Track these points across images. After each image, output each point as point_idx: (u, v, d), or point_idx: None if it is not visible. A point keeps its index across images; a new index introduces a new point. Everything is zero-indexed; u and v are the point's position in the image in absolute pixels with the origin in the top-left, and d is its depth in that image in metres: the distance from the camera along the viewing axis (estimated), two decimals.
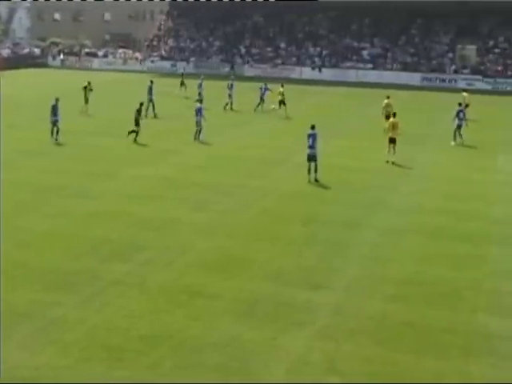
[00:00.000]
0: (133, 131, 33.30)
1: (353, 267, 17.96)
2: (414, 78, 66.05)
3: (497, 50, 70.19)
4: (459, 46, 70.85)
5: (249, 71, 71.94)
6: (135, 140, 33.17)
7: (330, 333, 14.17)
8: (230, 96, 45.71)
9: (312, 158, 26.26)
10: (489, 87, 63.35)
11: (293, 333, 14.15)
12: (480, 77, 65.95)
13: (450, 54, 70.65)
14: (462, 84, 64.73)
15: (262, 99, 44.68)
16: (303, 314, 15.01)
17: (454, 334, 14.36)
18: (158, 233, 20.15)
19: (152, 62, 78.72)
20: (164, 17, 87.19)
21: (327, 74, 67.97)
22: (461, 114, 35.10)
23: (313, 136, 26.29)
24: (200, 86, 47.29)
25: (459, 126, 34.95)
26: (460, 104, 36.31)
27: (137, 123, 33.21)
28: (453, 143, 34.78)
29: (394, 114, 31.12)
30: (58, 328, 14.02)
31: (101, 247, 18.71)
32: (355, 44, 73.65)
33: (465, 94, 43.64)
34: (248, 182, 26.31)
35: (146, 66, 77.24)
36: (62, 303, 15.15)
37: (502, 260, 18.81)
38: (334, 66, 70.92)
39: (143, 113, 40.46)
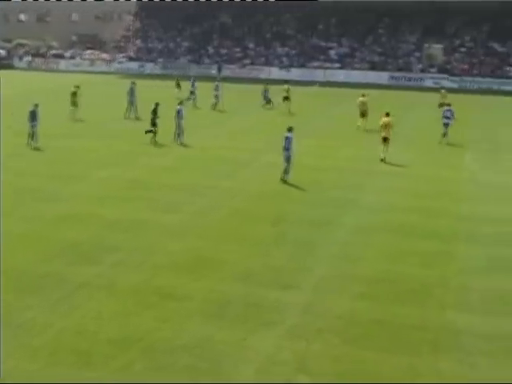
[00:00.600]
0: (150, 131, 33.42)
1: (322, 266, 18.02)
2: (382, 77, 66.52)
3: (463, 49, 70.94)
4: (426, 46, 71.47)
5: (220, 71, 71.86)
6: (153, 140, 33.33)
7: (299, 332, 14.21)
8: (216, 97, 46.09)
9: (286, 159, 26.31)
10: (455, 86, 63.92)
11: (262, 333, 14.17)
12: (446, 75, 66.61)
13: (417, 53, 71.26)
14: (428, 83, 65.47)
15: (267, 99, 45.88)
16: (273, 314, 15.03)
17: (424, 330, 14.48)
18: (128, 234, 20.06)
19: (120, 62, 78.36)
20: (132, 17, 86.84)
21: (295, 73, 68.13)
22: (448, 113, 35.48)
23: (288, 139, 26.34)
24: (193, 85, 47.70)
25: (446, 125, 35.33)
26: (449, 104, 36.62)
27: (153, 123, 33.37)
28: (443, 140, 35.19)
29: (388, 114, 31.33)
30: (27, 332, 13.91)
31: (70, 250, 18.58)
32: (323, 44, 73.94)
33: (443, 91, 44.23)
34: (218, 182, 26.28)
35: (113, 67, 76.87)
36: (31, 306, 15.02)
37: (469, 257, 18.99)
38: (302, 65, 71.15)
39: (126, 114, 40.50)
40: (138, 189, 25.18)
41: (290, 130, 26.50)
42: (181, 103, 34.37)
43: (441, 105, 42.86)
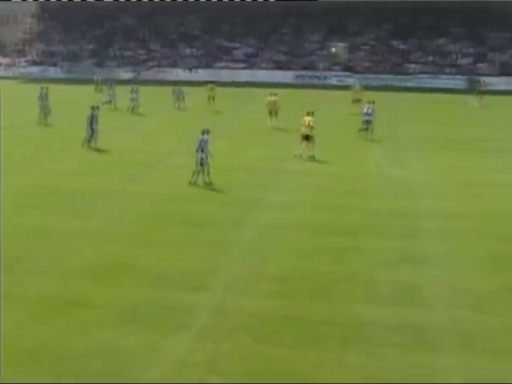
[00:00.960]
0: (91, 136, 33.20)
1: (233, 266, 18.13)
2: (287, 75, 67.21)
3: (365, 48, 72.42)
4: (330, 44, 72.67)
5: (123, 74, 71.00)
6: (84, 144, 32.98)
7: (210, 333, 14.28)
8: (132, 100, 45.54)
9: (200, 162, 26.30)
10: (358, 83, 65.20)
11: (174, 336, 14.17)
12: (350, 73, 67.92)
13: (321, 52, 72.34)
14: (332, 80, 66.56)
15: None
16: (184, 316, 15.04)
17: (333, 325, 14.76)
18: (37, 242, 19.66)
19: (20, 67, 76.43)
20: (31, 19, 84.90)
21: (202, 74, 68.10)
22: (369, 110, 36.25)
23: (203, 141, 26.34)
24: (111, 88, 46.99)
25: (367, 122, 36.07)
26: (372, 102, 37.25)
27: (91, 128, 33.04)
28: (369, 137, 36.00)
29: (312, 113, 31.83)
30: None
31: None
32: (227, 44, 74.18)
33: (357, 86, 44.97)
34: (129, 186, 26.04)
35: (14, 72, 74.81)
36: None
37: (378, 251, 19.42)
38: (208, 66, 71.19)
39: (39, 119, 39.54)
40: (44, 195, 24.69)
41: (205, 132, 26.55)
42: (96, 108, 33.81)
43: (354, 101, 43.66)
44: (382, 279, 17.37)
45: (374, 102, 37.29)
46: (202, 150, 26.11)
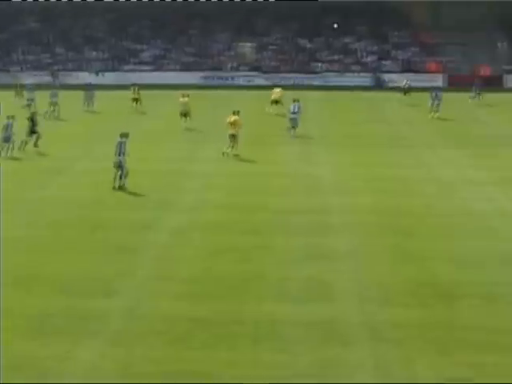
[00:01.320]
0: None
1: (143, 270, 18.06)
2: (195, 77, 66.98)
3: (273, 47, 72.95)
4: (237, 45, 72.93)
5: (28, 79, 69.33)
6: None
7: (122, 338, 14.20)
8: (52, 104, 44.30)
9: (118, 165, 26.00)
10: (267, 82, 65.59)
11: (86, 343, 14.02)
12: (258, 73, 68.35)
13: (229, 53, 72.52)
14: (240, 81, 66.73)
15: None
16: (96, 322, 14.89)
17: (244, 324, 14.89)
18: None
19: None
20: None
21: (109, 78, 67.14)
22: (295, 108, 36.79)
23: (121, 144, 26.06)
24: (30, 93, 45.64)
25: (293, 120, 36.67)
26: (297, 100, 37.64)
27: (33, 131, 33.00)
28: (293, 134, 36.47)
29: (238, 112, 32.13)
30: None
31: None
32: (135, 46, 73.48)
33: (277, 89, 45.34)
34: (36, 193, 25.54)
35: None
36: None
37: (286, 249, 19.70)
38: (115, 69, 70.33)
39: None
40: None
41: (123, 135, 26.33)
42: (11, 117, 32.97)
43: (273, 102, 44.11)
44: (291, 276, 17.62)
45: (299, 101, 37.90)
46: (120, 154, 25.90)
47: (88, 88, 48.67)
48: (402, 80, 52.77)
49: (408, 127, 41.62)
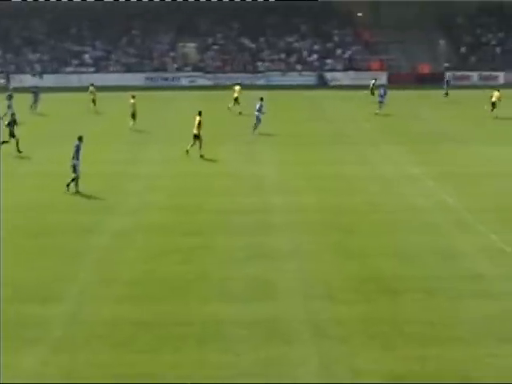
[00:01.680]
0: (6, 142, 32.40)
1: (85, 274, 17.84)
2: (138, 78, 66.48)
3: (216, 47, 72.86)
4: (180, 45, 72.64)
5: None
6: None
7: (65, 344, 14.03)
8: (9, 107, 43.26)
9: (73, 168, 25.64)
10: (210, 83, 65.61)
11: (27, 350, 13.79)
12: (201, 73, 68.20)
13: (172, 53, 72.18)
14: (184, 81, 66.47)
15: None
16: (37, 329, 14.67)
17: (188, 325, 14.85)
18: None
19: None
20: None
21: (49, 80, 66.14)
22: (259, 107, 37.44)
23: (77, 147, 25.75)
24: (9, 99, 44.49)
25: (258, 118, 37.26)
26: (261, 98, 38.31)
27: (12, 135, 32.35)
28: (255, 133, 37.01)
29: (200, 113, 32.09)
30: None
31: None
32: (76, 48, 72.61)
33: (237, 87, 45.50)
34: None
35: None
36: None
37: (229, 249, 19.68)
38: (56, 71, 69.37)
39: None
40: None
41: (79, 138, 25.99)
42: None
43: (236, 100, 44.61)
44: (235, 276, 17.63)
45: (262, 99, 38.37)
46: (74, 157, 25.59)
47: (33, 90, 47.92)
48: (370, 80, 53.23)
49: (351, 125, 41.96)
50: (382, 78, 62.62)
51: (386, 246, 19.99)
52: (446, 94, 52.53)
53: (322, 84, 65.12)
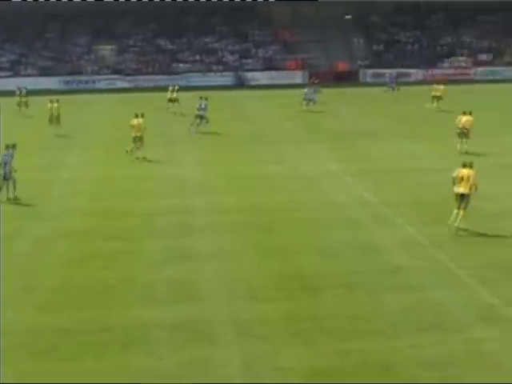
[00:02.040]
0: None
1: (5, 281, 17.40)
2: (53, 82, 65.32)
3: (134, 49, 72.30)
4: (97, 47, 71.79)
5: None
6: None
7: None
8: None
9: (5, 177, 25.11)
10: (129, 85, 65.09)
11: None
12: (119, 76, 67.59)
13: (89, 56, 71.28)
14: (102, 84, 65.73)
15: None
16: None
17: (111, 331, 14.72)
18: None
19: None
20: None
21: None
22: (202, 105, 38.14)
23: (7, 155, 25.21)
24: None
25: (200, 117, 37.86)
26: (201, 97, 38.81)
27: None
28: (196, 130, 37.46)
29: (142, 115, 32.05)
30: None
31: None
32: None
33: (172, 88, 46.63)
34: None
35: None
36: None
37: (151, 252, 19.60)
38: None
39: None
40: None
41: (9, 146, 25.47)
42: None
43: (170, 100, 45.48)
44: (158, 279, 17.58)
45: (207, 98, 38.79)
46: (5, 165, 25.03)
47: None
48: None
49: (271, 124, 42.31)
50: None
51: (307, 244, 20.24)
52: (395, 89, 53.54)
53: (240, 84, 65.43)
